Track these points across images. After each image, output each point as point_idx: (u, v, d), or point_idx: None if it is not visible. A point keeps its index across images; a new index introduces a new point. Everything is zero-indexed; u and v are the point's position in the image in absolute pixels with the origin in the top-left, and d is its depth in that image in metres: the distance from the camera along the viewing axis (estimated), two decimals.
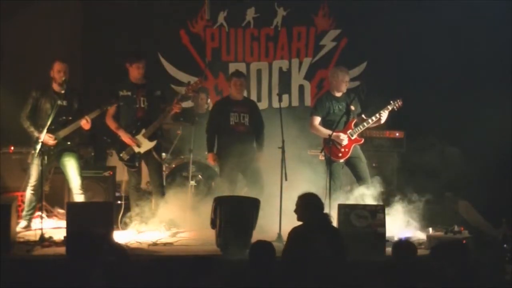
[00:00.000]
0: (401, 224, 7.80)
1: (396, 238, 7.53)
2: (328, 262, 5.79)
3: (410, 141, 9.20)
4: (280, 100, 8.09)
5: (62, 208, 8.37)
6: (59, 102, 7.70)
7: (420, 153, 8.59)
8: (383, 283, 6.16)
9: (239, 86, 8.22)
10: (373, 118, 8.07)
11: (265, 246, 5.52)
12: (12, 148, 8.68)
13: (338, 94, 8.24)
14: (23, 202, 8.00)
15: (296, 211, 6.16)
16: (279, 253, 5.86)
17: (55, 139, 7.71)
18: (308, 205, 6.09)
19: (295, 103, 10.17)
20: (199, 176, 8.71)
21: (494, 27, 9.35)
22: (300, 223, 6.13)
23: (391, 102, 8.09)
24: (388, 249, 7.07)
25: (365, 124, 8.09)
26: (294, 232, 6.07)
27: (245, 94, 8.68)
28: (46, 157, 7.52)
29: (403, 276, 5.25)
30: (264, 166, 8.21)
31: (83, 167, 8.33)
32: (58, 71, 7.76)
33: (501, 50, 9.36)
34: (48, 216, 8.30)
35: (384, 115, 8.05)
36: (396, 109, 8.10)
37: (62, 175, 8.14)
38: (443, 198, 8.77)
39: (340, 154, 8.08)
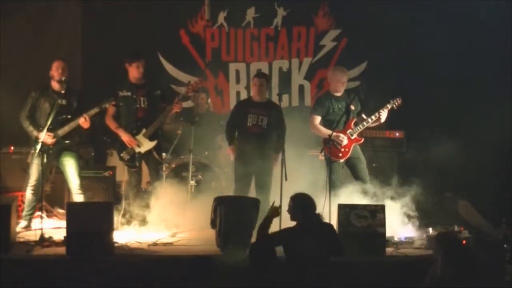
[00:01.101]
0: (401, 224, 7.80)
1: (396, 238, 7.54)
2: (323, 261, 5.79)
3: (410, 141, 9.19)
4: (280, 100, 8.08)
5: (62, 208, 8.38)
6: (58, 101, 7.70)
7: (420, 153, 8.58)
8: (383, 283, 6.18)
9: (258, 87, 8.08)
10: (373, 117, 8.07)
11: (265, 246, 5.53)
12: (12, 148, 8.68)
13: (338, 94, 8.24)
14: (23, 202, 8.01)
15: (288, 211, 6.18)
16: (279, 253, 5.87)
17: (54, 137, 7.72)
18: (299, 205, 6.11)
19: (295, 103, 10.16)
20: (199, 176, 8.71)
21: (494, 26, 9.35)
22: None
23: (391, 101, 8.09)
24: (389, 249, 7.09)
25: (364, 123, 8.09)
26: (285, 232, 6.11)
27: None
28: (45, 157, 7.54)
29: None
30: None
31: (83, 167, 8.35)
32: (56, 68, 7.77)
33: (502, 50, 9.36)
34: (48, 216, 8.30)
35: (384, 114, 8.05)
36: (395, 108, 8.10)
37: (62, 175, 8.15)
38: (443, 198, 8.77)
39: (340, 154, 8.08)
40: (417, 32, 9.57)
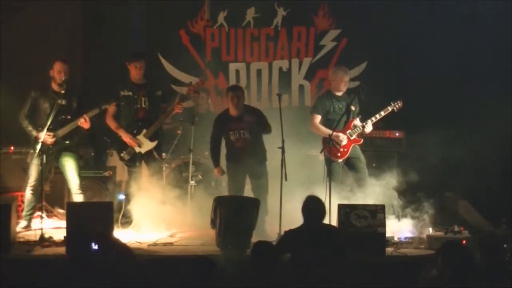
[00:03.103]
0: (401, 224, 7.80)
1: (396, 238, 7.54)
2: (323, 263, 5.79)
3: (410, 141, 9.19)
4: (280, 100, 8.07)
5: (62, 208, 8.38)
6: (58, 101, 7.71)
7: (420, 153, 8.58)
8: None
9: (236, 100, 7.94)
10: (362, 124, 8.07)
11: (267, 246, 5.52)
12: (12, 148, 8.68)
13: (339, 93, 8.24)
14: (23, 202, 8.02)
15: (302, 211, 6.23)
16: None
17: (54, 137, 7.72)
18: (305, 206, 6.14)
19: (295, 103, 10.15)
20: (199, 176, 8.71)
21: (494, 26, 9.35)
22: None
23: (391, 103, 8.11)
24: (389, 249, 7.09)
25: (359, 128, 8.10)
26: (289, 231, 6.14)
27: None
28: (45, 157, 7.54)
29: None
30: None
31: (83, 167, 8.35)
32: (58, 72, 7.78)
33: (502, 49, 9.35)
34: (48, 216, 8.31)
35: (368, 126, 8.06)
36: (396, 111, 8.11)
37: (62, 175, 8.16)
38: (443, 198, 8.76)
39: (339, 154, 8.08)
40: (417, 32, 9.57)
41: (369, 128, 8.10)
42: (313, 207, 6.12)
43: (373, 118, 8.09)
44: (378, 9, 9.67)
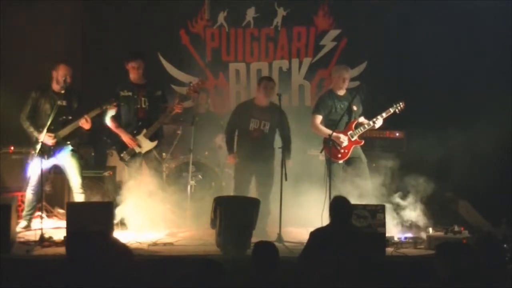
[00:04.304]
0: (401, 224, 7.80)
1: (396, 238, 7.54)
2: (343, 265, 5.80)
3: (410, 141, 9.19)
4: (280, 100, 8.06)
5: (62, 208, 8.39)
6: (58, 102, 7.71)
7: (420, 153, 8.58)
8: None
9: (269, 90, 8.00)
10: (370, 123, 8.07)
11: (268, 246, 5.52)
12: (12, 148, 8.68)
13: (341, 93, 8.23)
14: (23, 202, 8.02)
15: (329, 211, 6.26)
16: (281, 253, 5.86)
17: (55, 138, 7.73)
18: (331, 207, 6.17)
19: (295, 103, 10.14)
20: (199, 176, 8.71)
21: (495, 27, 9.35)
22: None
23: (394, 104, 8.09)
24: (389, 249, 7.09)
25: (361, 128, 8.09)
26: (315, 231, 6.16)
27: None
28: (46, 157, 7.54)
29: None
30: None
31: (83, 167, 8.34)
32: (64, 75, 7.77)
33: (502, 49, 9.35)
34: (48, 216, 8.32)
35: (379, 122, 8.06)
36: (398, 112, 8.11)
37: (62, 175, 8.17)
38: (443, 198, 8.76)
39: (340, 155, 8.07)
40: (417, 32, 9.57)
41: (379, 123, 8.09)
42: (340, 207, 6.12)
43: (379, 117, 8.08)
44: (378, 9, 9.67)
